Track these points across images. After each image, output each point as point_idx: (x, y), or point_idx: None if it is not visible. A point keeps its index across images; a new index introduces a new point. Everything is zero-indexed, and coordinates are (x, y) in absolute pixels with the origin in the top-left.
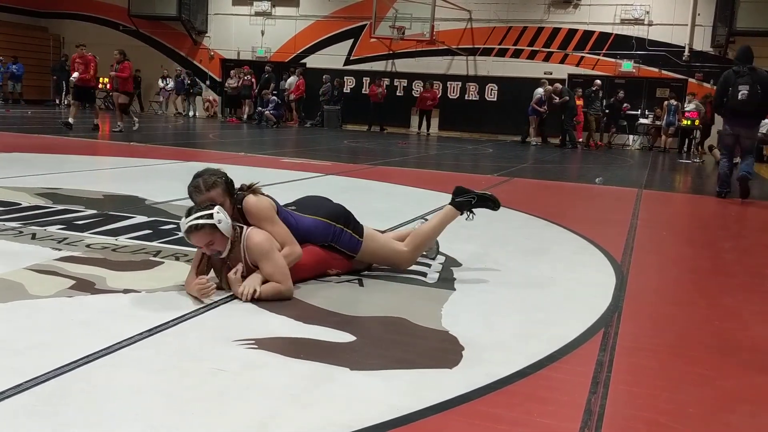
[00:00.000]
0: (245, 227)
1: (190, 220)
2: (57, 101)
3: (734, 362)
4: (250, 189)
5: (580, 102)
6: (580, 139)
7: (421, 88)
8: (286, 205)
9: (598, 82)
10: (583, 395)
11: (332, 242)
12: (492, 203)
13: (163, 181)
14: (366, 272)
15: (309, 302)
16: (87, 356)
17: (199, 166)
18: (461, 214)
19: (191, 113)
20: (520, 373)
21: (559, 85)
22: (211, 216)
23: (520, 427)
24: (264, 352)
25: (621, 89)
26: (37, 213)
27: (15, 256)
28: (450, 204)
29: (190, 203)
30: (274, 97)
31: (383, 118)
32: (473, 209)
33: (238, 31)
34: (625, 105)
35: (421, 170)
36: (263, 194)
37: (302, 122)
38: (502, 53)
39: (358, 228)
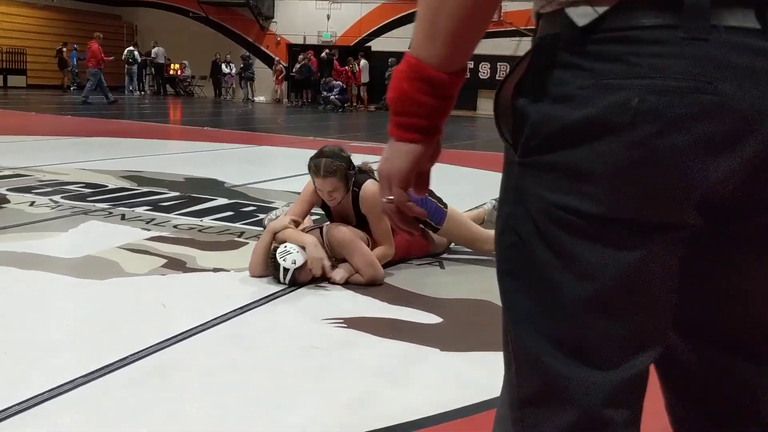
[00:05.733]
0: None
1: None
2: (131, 87)
3: None
4: (371, 173)
5: None
6: None
7: (488, 70)
8: None
9: None
10: None
11: None
12: None
13: (238, 164)
14: (445, 255)
15: (393, 284)
16: (185, 332)
17: (270, 150)
18: None
19: (247, 98)
20: None
21: None
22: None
23: None
24: (354, 331)
25: None
26: (124, 195)
27: (108, 235)
28: None
29: (266, 187)
30: (339, 82)
31: None
32: None
33: (304, 16)
34: None
35: (493, 153)
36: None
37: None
38: None
39: (441, 201)
